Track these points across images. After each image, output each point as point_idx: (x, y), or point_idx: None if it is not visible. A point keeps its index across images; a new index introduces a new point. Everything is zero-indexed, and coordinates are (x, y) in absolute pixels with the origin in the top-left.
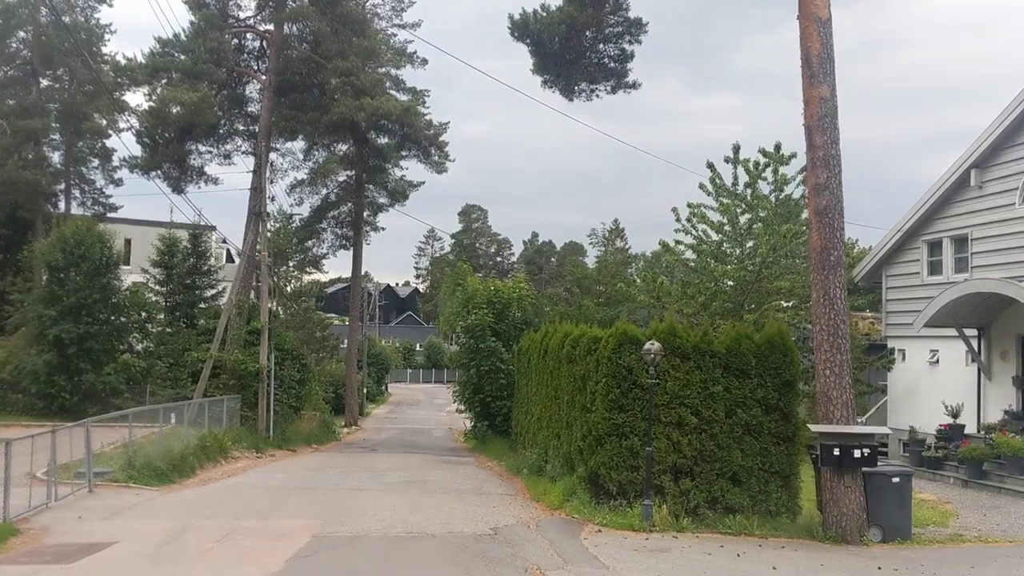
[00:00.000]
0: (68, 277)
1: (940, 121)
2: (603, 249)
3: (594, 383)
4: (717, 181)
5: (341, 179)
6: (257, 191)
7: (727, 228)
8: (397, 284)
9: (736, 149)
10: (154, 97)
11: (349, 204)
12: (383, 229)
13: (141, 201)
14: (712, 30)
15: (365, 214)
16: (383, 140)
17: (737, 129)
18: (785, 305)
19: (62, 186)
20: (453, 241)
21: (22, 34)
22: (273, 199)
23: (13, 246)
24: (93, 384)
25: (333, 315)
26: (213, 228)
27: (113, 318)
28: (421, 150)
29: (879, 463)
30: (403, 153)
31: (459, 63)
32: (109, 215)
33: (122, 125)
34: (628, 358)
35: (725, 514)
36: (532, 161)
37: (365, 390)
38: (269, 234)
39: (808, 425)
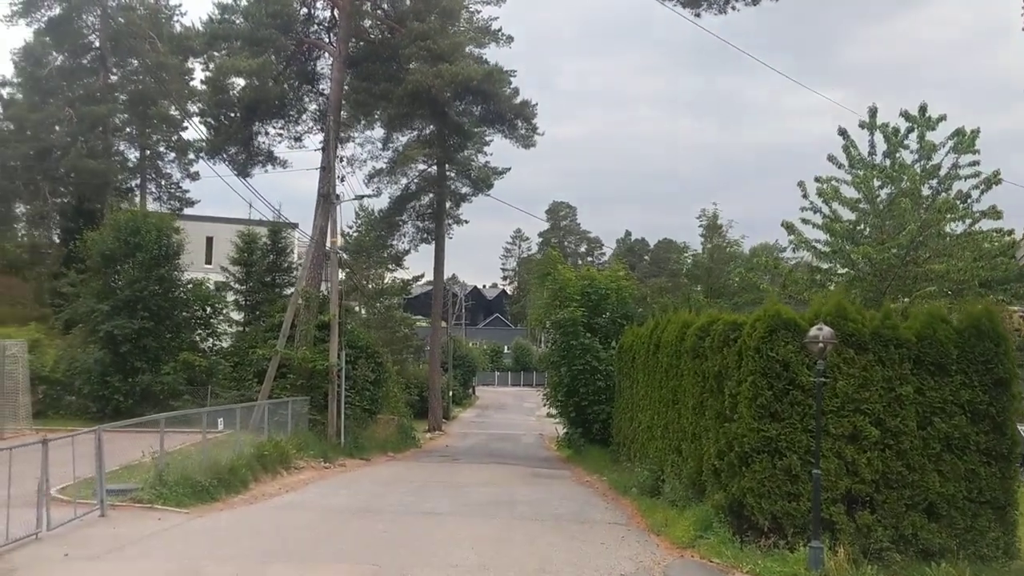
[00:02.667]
0: (123, 269)
1: None
2: (705, 237)
3: (735, 383)
4: (851, 151)
5: (421, 168)
6: (326, 170)
7: (863, 205)
8: (484, 286)
9: (873, 113)
10: (211, 67)
11: (430, 194)
12: (466, 222)
13: (226, 201)
14: (817, 22)
15: (447, 204)
16: (463, 120)
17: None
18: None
19: (138, 181)
20: (540, 240)
21: (91, 19)
22: (343, 180)
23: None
24: (150, 385)
25: (419, 316)
26: (295, 226)
27: (175, 312)
28: (506, 124)
29: None
30: (486, 131)
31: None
32: (187, 211)
33: (191, 110)
34: (783, 349)
35: (920, 559)
36: (623, 162)
37: (451, 393)
38: (352, 231)
39: None
